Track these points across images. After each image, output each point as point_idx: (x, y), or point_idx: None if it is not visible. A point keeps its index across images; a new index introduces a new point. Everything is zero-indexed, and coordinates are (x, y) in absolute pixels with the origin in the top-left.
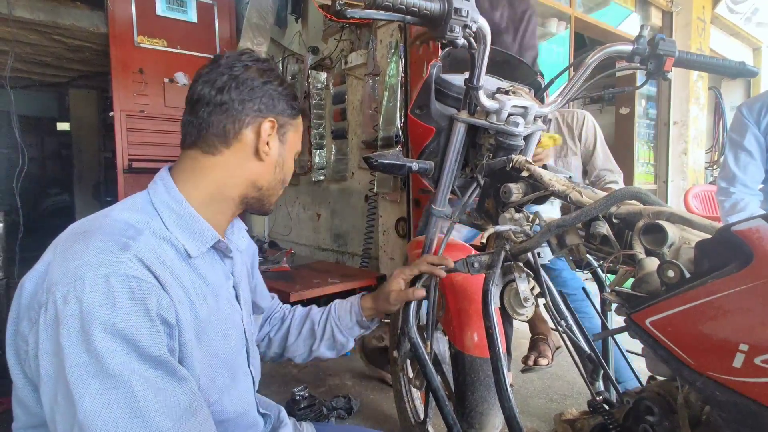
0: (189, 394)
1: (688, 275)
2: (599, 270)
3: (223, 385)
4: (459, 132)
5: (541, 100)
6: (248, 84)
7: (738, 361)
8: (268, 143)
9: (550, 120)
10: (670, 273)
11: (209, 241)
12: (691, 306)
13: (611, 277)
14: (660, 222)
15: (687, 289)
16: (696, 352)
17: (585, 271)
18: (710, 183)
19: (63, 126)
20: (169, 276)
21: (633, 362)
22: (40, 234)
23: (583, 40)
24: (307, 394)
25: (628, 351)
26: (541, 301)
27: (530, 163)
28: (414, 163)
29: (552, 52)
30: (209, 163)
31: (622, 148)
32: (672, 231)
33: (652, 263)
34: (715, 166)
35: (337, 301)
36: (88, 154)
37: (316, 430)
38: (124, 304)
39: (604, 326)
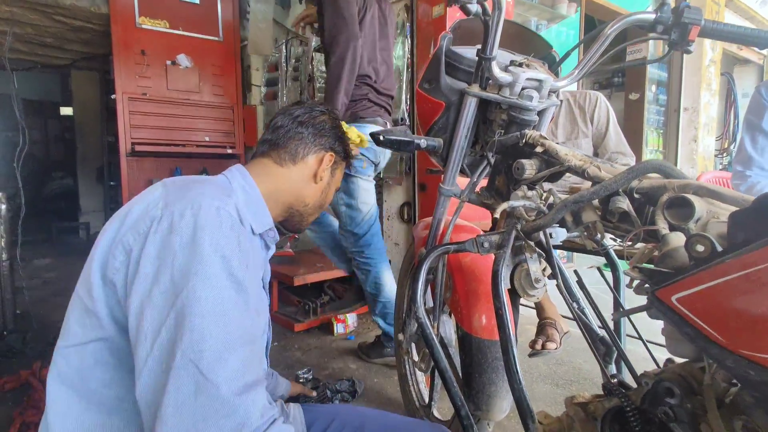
0: (252, 321)
1: (720, 249)
2: (611, 251)
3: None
4: (470, 107)
5: (556, 75)
6: (322, 125)
7: None
8: (324, 171)
9: (561, 101)
10: (700, 247)
11: (266, 225)
12: (724, 280)
13: (624, 264)
14: (686, 195)
15: (719, 262)
16: (727, 329)
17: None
18: (720, 170)
19: (66, 110)
20: (245, 234)
21: (638, 345)
22: (45, 217)
23: (594, 24)
24: (311, 377)
25: (628, 335)
26: (553, 282)
27: (545, 138)
28: (422, 140)
29: (562, 34)
30: (276, 171)
31: (631, 135)
32: (699, 205)
33: (678, 238)
34: (725, 154)
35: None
36: (91, 138)
37: (303, 411)
38: (227, 231)
39: (617, 307)
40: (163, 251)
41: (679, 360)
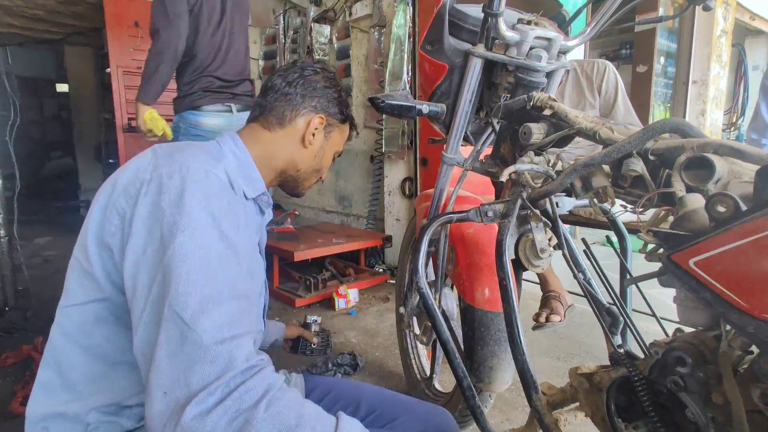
0: (244, 280)
1: (744, 208)
2: (618, 220)
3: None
4: (475, 69)
5: (566, 34)
6: (312, 84)
7: None
8: (314, 135)
9: (568, 71)
10: (721, 207)
11: (258, 190)
12: (748, 241)
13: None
14: (706, 155)
15: (744, 222)
16: (750, 293)
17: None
18: None
19: (62, 87)
20: (235, 198)
21: (652, 318)
22: (45, 198)
23: None
24: (320, 326)
25: (634, 310)
26: (559, 252)
27: (554, 100)
28: (424, 105)
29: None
30: (264, 136)
31: (638, 108)
32: (720, 164)
33: (696, 200)
34: (733, 128)
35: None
36: (88, 116)
37: (305, 380)
38: (216, 191)
39: (623, 276)
40: (154, 211)
41: (688, 330)
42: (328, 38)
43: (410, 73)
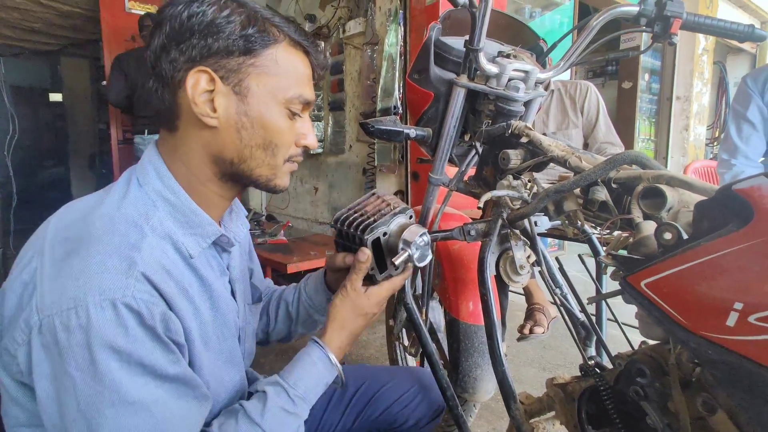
0: (201, 397)
1: (685, 237)
2: (594, 238)
3: (231, 382)
4: (458, 97)
5: (543, 66)
6: (175, 31)
7: (732, 319)
8: (213, 102)
9: (553, 91)
10: (667, 235)
11: (211, 237)
12: (687, 266)
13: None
14: (659, 186)
15: (684, 250)
16: (690, 312)
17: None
18: (711, 159)
19: (56, 97)
20: (175, 288)
21: (626, 331)
22: (37, 206)
23: (588, 11)
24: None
25: (609, 320)
26: (537, 269)
27: (530, 129)
28: (411, 130)
29: (556, 22)
30: (173, 142)
31: (623, 123)
32: (671, 194)
33: (649, 226)
34: (715, 143)
35: (308, 278)
36: (83, 126)
37: None
38: (135, 332)
39: (598, 292)
40: (59, 376)
41: (651, 342)
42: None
43: (401, 90)
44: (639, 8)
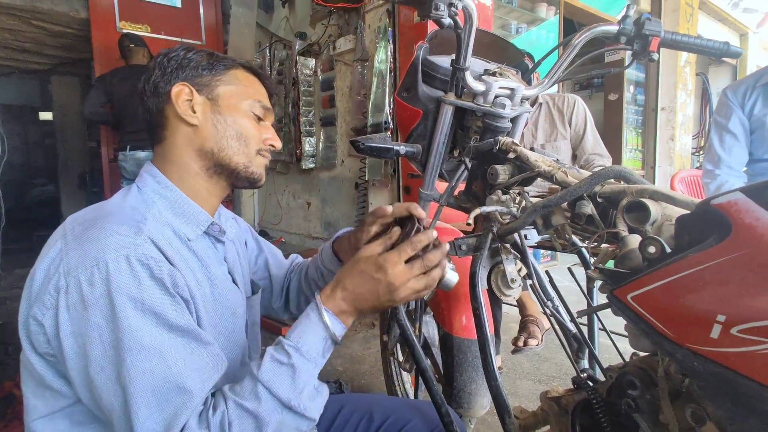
0: (213, 355)
1: (669, 250)
2: (583, 250)
3: (230, 358)
4: (446, 114)
5: (529, 82)
6: (163, 66)
7: (715, 332)
8: (192, 108)
9: (541, 104)
10: (651, 249)
11: (203, 224)
12: (671, 280)
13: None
14: (643, 200)
15: (667, 263)
16: (675, 324)
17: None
18: (696, 168)
19: (46, 116)
20: (177, 257)
21: (617, 342)
22: (27, 226)
23: (573, 26)
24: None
25: (613, 332)
26: (528, 282)
27: (516, 145)
28: (401, 147)
29: (541, 37)
30: (163, 151)
31: (610, 134)
32: (654, 208)
33: (634, 240)
34: (701, 152)
35: (323, 249)
36: (73, 144)
37: None
38: (147, 282)
39: (588, 305)
40: (84, 328)
41: (642, 353)
42: (313, 70)
43: (392, 106)
44: (619, 27)
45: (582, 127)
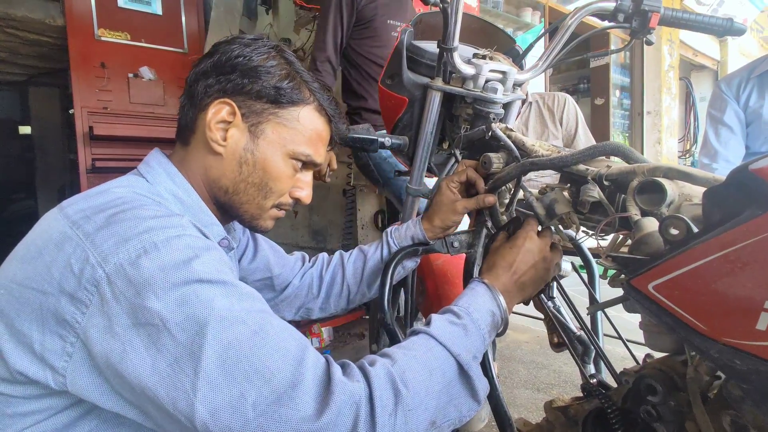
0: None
1: (696, 230)
2: (583, 246)
3: None
4: (434, 102)
5: (521, 69)
6: (221, 63)
7: (762, 322)
8: (226, 132)
9: (531, 103)
10: (674, 229)
11: (216, 237)
12: (702, 263)
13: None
14: (657, 179)
15: (696, 244)
16: (709, 315)
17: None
18: None
19: (24, 129)
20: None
21: (617, 345)
22: (5, 242)
23: None
24: None
25: (605, 335)
26: None
27: (511, 130)
28: (387, 138)
29: (527, 42)
30: (183, 154)
31: (598, 138)
32: (671, 188)
33: (651, 223)
34: (687, 155)
35: (389, 231)
36: (52, 157)
37: None
38: (205, 255)
39: (594, 300)
40: (144, 316)
41: (658, 355)
42: None
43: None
44: (616, 3)
45: (573, 126)
